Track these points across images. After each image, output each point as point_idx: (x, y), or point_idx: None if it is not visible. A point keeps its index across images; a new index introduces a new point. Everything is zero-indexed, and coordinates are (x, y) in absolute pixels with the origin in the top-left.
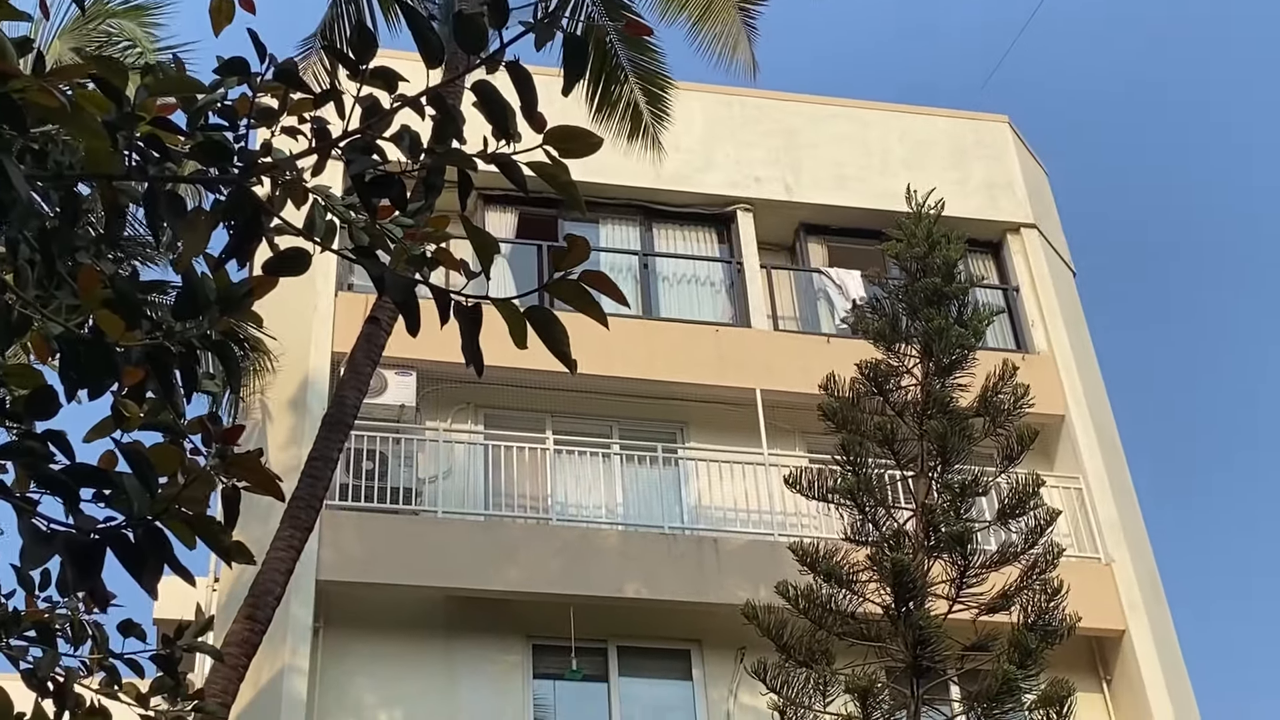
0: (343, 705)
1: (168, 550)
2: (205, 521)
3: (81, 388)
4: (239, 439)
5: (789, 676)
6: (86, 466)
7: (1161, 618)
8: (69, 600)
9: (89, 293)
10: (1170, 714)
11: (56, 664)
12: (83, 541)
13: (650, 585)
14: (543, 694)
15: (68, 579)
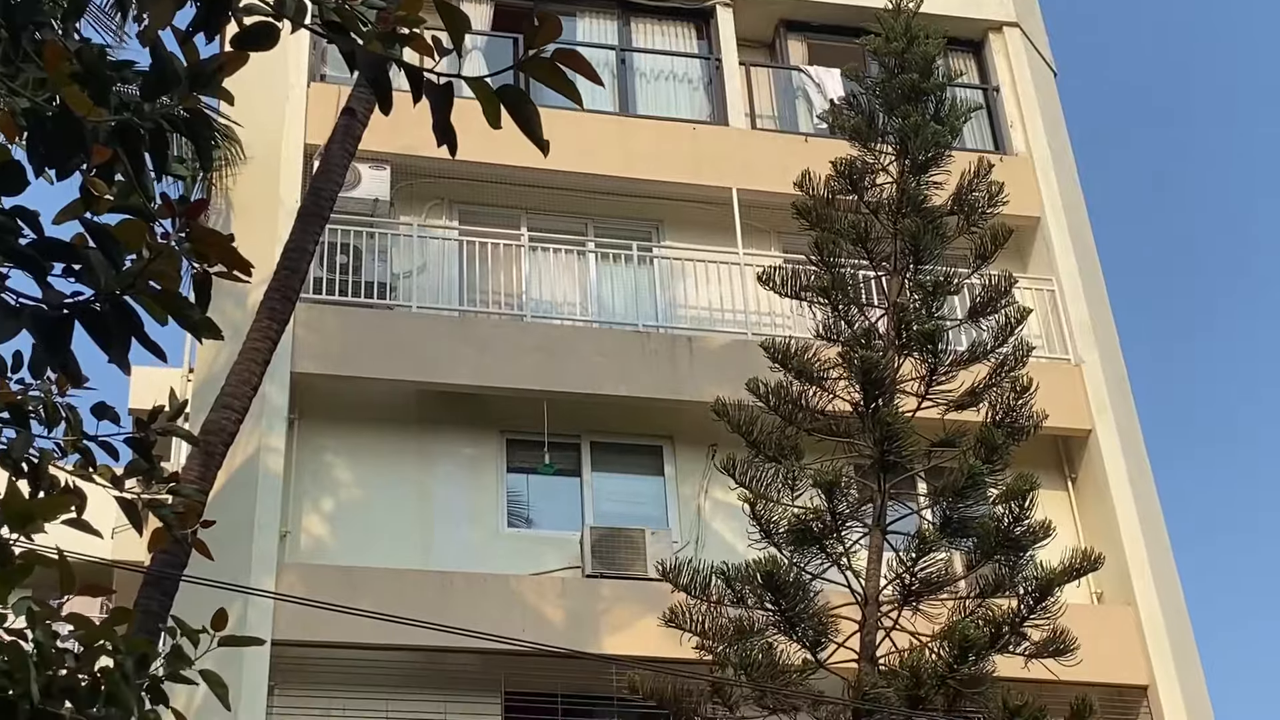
0: (318, 495)
1: (136, 324)
2: (174, 298)
3: (50, 165)
4: (203, 212)
5: (758, 471)
6: (55, 241)
7: (1128, 419)
8: (41, 382)
9: (55, 67)
10: (1134, 514)
11: (30, 445)
12: (51, 316)
13: (623, 382)
14: (516, 487)
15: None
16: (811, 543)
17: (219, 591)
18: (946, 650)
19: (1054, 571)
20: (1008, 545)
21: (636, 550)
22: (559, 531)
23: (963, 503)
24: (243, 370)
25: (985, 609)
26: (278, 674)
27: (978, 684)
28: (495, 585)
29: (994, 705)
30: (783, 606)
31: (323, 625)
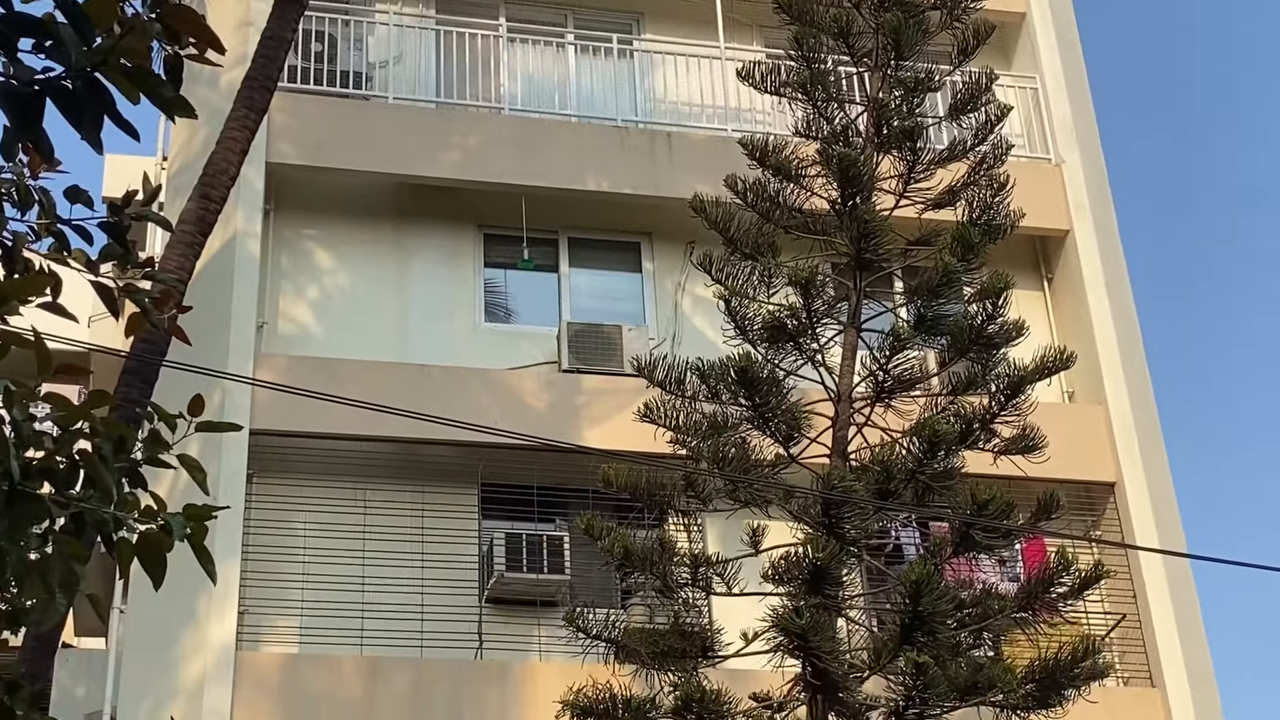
0: (295, 287)
1: (108, 102)
2: (146, 75)
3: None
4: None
5: (735, 268)
6: (25, 16)
7: (1107, 220)
8: (14, 165)
9: None
10: (1108, 315)
11: (3, 227)
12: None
13: (602, 177)
14: (494, 282)
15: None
16: (786, 340)
17: (196, 381)
18: (917, 446)
19: (1026, 369)
20: (981, 343)
21: (613, 346)
22: (536, 327)
23: (937, 301)
24: (220, 160)
25: (957, 406)
26: (256, 463)
27: (947, 479)
28: (472, 379)
29: (962, 500)
30: (756, 402)
31: (300, 415)
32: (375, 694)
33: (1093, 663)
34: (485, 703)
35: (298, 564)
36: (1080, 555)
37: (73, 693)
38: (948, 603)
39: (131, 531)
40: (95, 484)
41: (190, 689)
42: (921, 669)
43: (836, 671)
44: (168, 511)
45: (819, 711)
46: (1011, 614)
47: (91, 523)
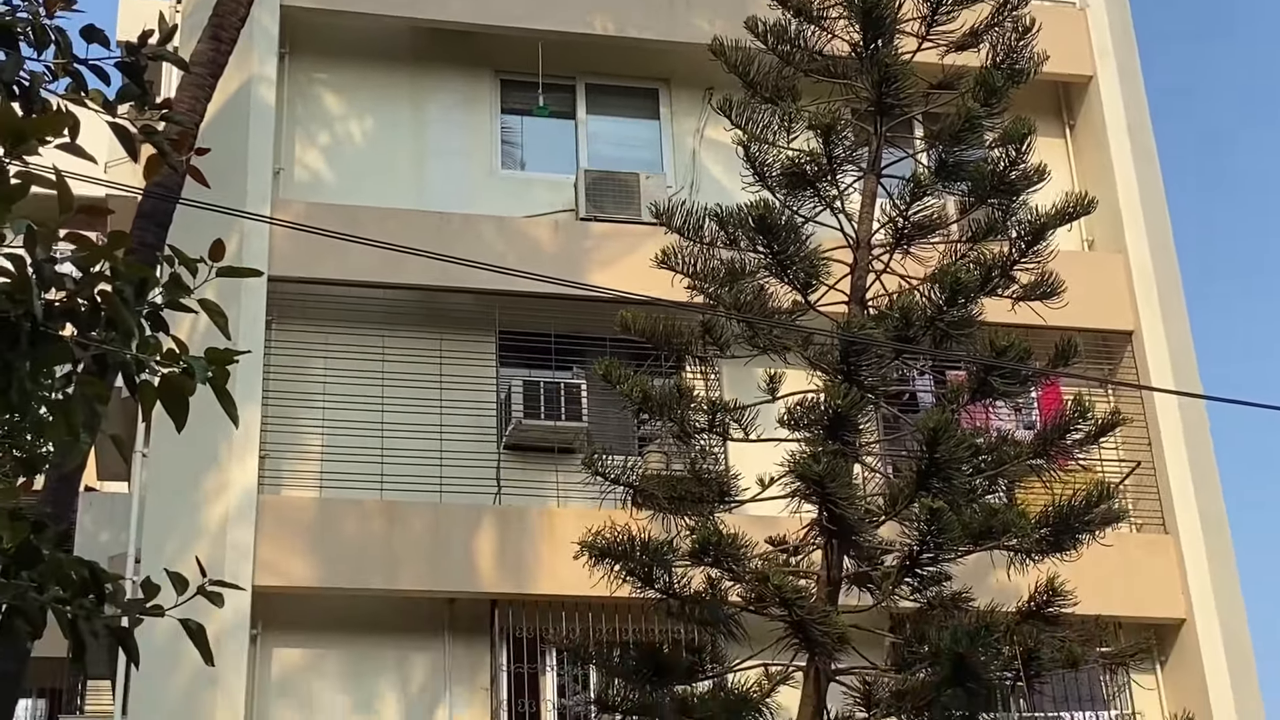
0: (310, 132)
1: None
2: None
3: None
4: None
5: (754, 113)
6: None
7: (1131, 67)
8: (29, 4)
9: None
10: (1130, 163)
11: (21, 67)
12: None
13: (619, 21)
14: (510, 129)
15: None
16: (805, 186)
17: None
18: (936, 293)
19: (1047, 215)
20: (1002, 189)
21: (631, 193)
22: (554, 174)
23: (959, 146)
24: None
25: (976, 252)
26: (274, 309)
27: (965, 326)
28: (490, 226)
29: (981, 347)
30: (775, 249)
31: (319, 262)
32: (395, 537)
33: (1107, 508)
34: (504, 546)
35: (317, 410)
36: (1096, 403)
37: (96, 537)
38: (964, 449)
39: (154, 374)
40: (117, 326)
41: (213, 532)
42: (936, 514)
43: (852, 517)
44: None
45: (834, 556)
46: (1027, 460)
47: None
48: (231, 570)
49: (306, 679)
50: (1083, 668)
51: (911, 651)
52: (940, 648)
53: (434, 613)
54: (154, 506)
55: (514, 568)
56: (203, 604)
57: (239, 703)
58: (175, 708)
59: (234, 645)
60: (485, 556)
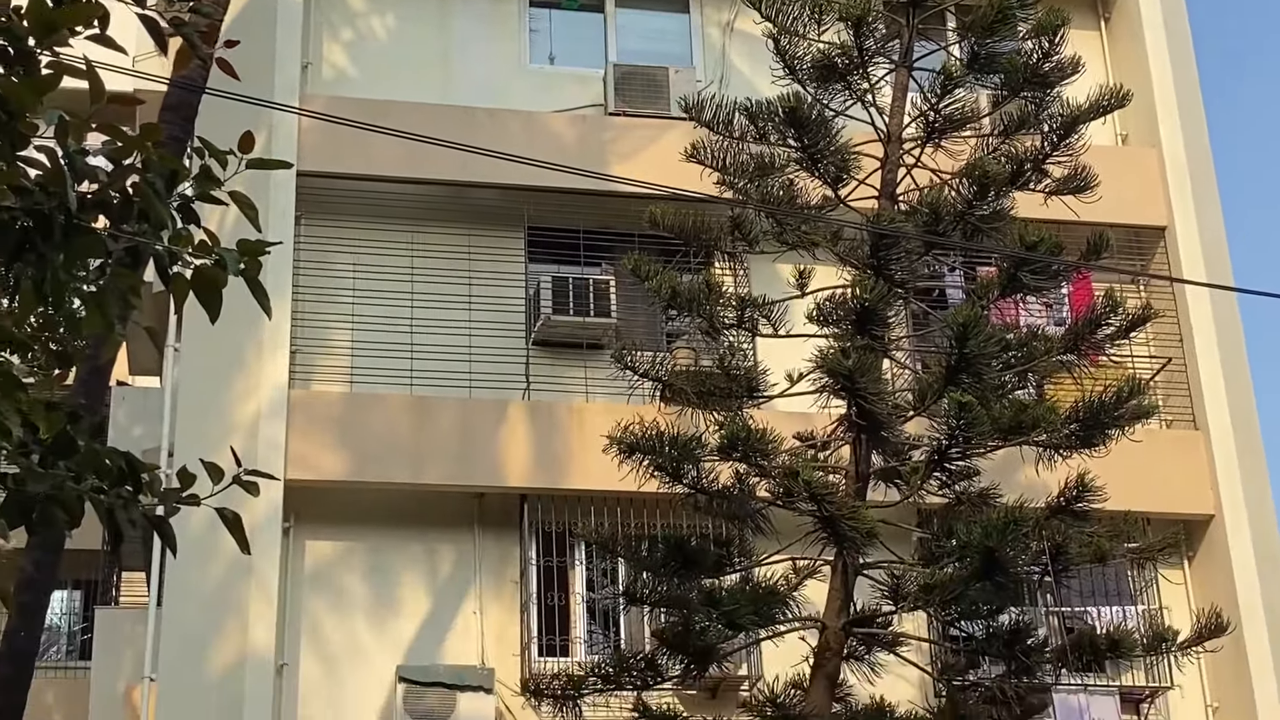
0: (337, 26)
1: None
2: None
3: None
4: None
5: (784, 5)
6: None
7: None
8: None
9: None
10: (1165, 55)
11: None
12: None
13: None
14: (538, 22)
15: None
16: (836, 79)
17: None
18: (967, 187)
19: (1080, 108)
20: (1034, 82)
21: (660, 88)
22: (582, 68)
23: (991, 38)
24: None
25: (1008, 146)
26: (303, 205)
27: (996, 221)
28: (517, 121)
29: (1011, 241)
30: (805, 143)
31: (347, 156)
32: (424, 431)
33: (1136, 404)
34: (533, 441)
35: (347, 305)
36: (1128, 298)
37: (129, 431)
38: (994, 344)
39: (186, 266)
40: (149, 218)
41: (245, 426)
42: (965, 409)
43: (881, 412)
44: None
45: (862, 451)
46: (1057, 356)
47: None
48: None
49: (338, 571)
50: (1110, 563)
51: (939, 546)
52: (969, 542)
53: (463, 507)
54: (186, 401)
55: (543, 462)
56: (237, 497)
57: (273, 594)
58: (209, 599)
59: (267, 537)
60: (514, 451)
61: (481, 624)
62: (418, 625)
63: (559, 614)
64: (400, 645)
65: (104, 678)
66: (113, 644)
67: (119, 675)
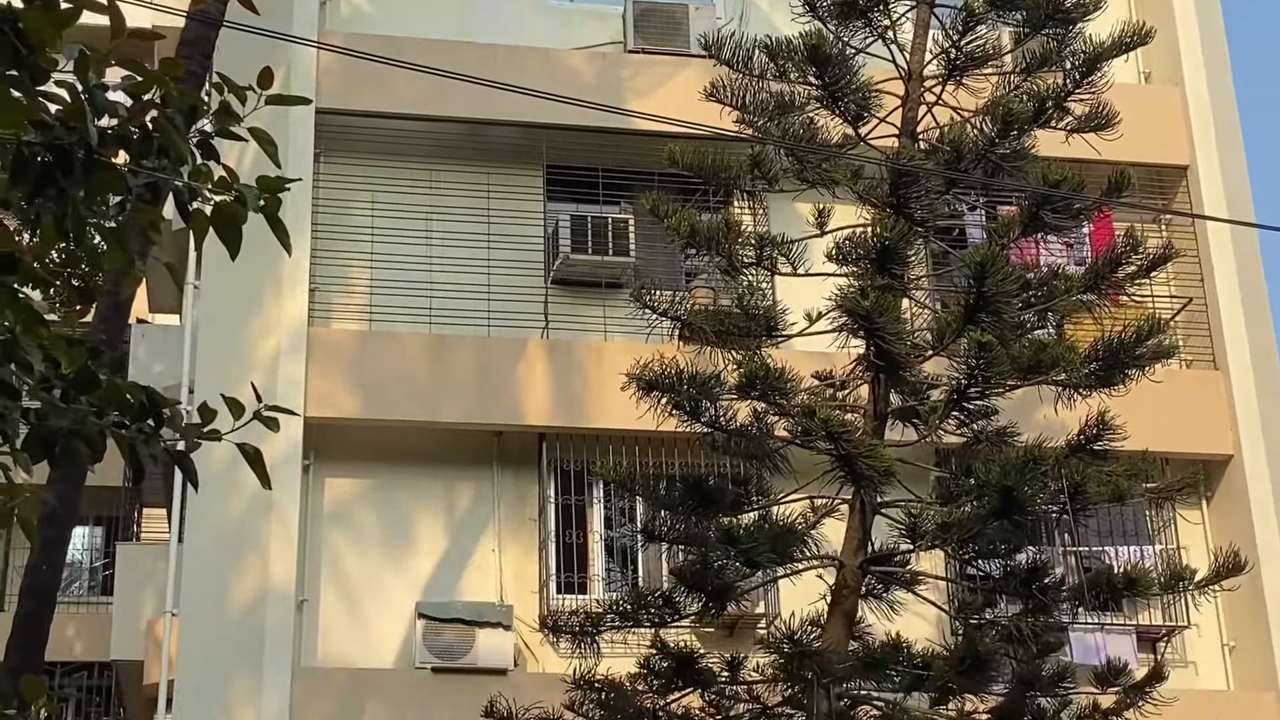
0: None
1: None
2: None
3: None
4: None
5: None
6: None
7: None
8: None
9: None
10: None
11: None
12: None
13: None
14: None
15: None
16: (857, 15)
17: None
18: (988, 125)
19: (1102, 45)
20: (1057, 18)
21: (679, 25)
22: (601, 5)
23: None
24: None
25: (1030, 83)
26: (322, 142)
27: (1017, 159)
28: (535, 58)
29: (1032, 180)
30: (825, 80)
31: (366, 94)
32: (444, 369)
33: (1157, 343)
34: (551, 379)
35: (366, 243)
36: (1149, 237)
37: (150, 368)
38: (1013, 283)
39: (206, 202)
40: (169, 153)
41: (265, 364)
42: (984, 348)
43: (899, 351)
44: (240, 183)
45: (881, 390)
46: (1077, 295)
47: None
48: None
49: (358, 508)
50: (1128, 502)
51: (957, 485)
52: (986, 481)
53: (482, 445)
54: (206, 339)
55: (562, 401)
56: (257, 434)
57: (293, 530)
58: (230, 535)
59: (287, 474)
60: (533, 390)
61: (500, 561)
62: (436, 562)
63: (577, 552)
64: (419, 582)
65: (126, 612)
66: (134, 579)
67: (141, 610)
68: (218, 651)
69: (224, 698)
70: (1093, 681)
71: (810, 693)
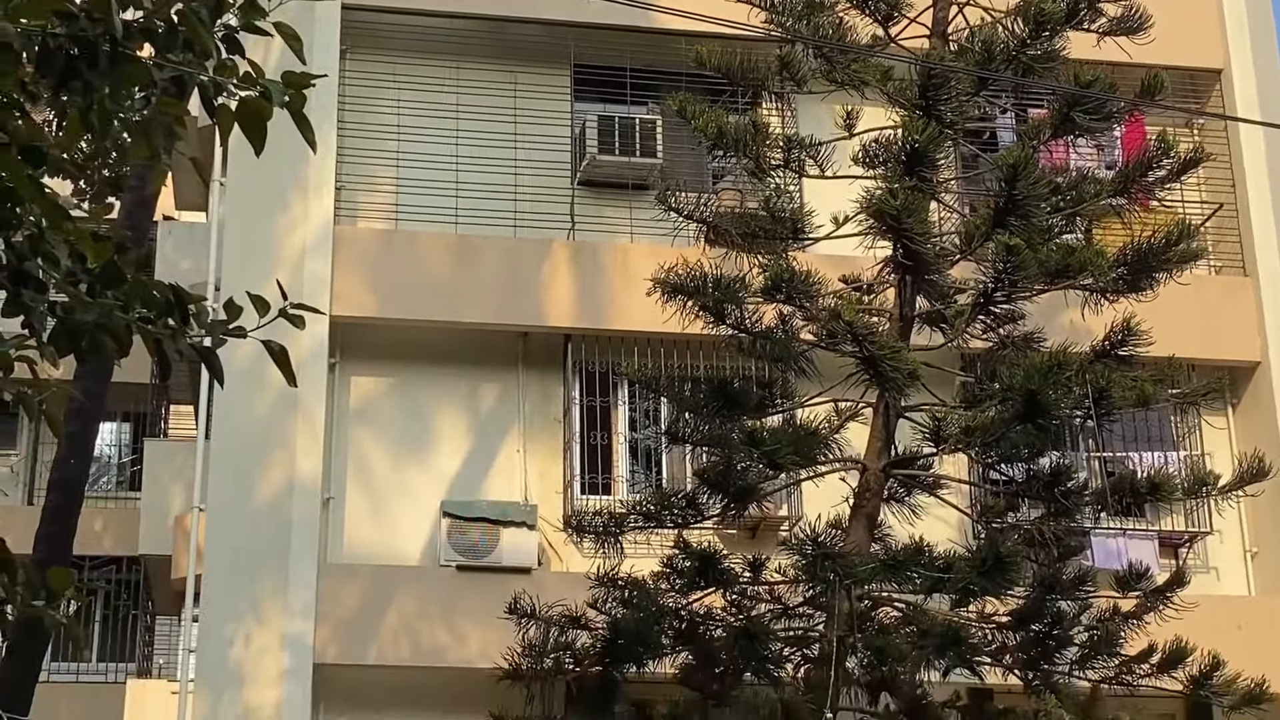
0: None
1: None
2: None
3: None
4: None
5: None
6: None
7: None
8: None
9: None
10: None
11: None
12: None
13: None
14: None
15: None
16: None
17: None
18: (1020, 26)
19: None
20: None
21: None
22: None
23: None
24: None
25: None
26: (348, 38)
27: (1049, 61)
28: None
29: (1064, 81)
30: None
31: None
32: (470, 270)
33: (1185, 247)
34: (577, 281)
35: (392, 142)
36: (1181, 142)
37: (177, 265)
38: (1043, 186)
39: (231, 97)
40: (194, 47)
41: (291, 262)
42: (1013, 251)
43: (927, 254)
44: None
45: (907, 294)
46: (1107, 199)
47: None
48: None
49: (383, 407)
50: (1154, 407)
51: (981, 389)
52: (1011, 385)
53: (507, 346)
54: (232, 236)
55: (587, 303)
56: (282, 332)
57: (319, 427)
58: (257, 431)
59: (313, 372)
60: (558, 291)
61: (524, 462)
62: (461, 462)
63: (601, 453)
64: (444, 481)
65: (154, 507)
66: (162, 475)
67: (169, 505)
68: (245, 546)
69: (251, 592)
70: (1114, 585)
71: (831, 594)
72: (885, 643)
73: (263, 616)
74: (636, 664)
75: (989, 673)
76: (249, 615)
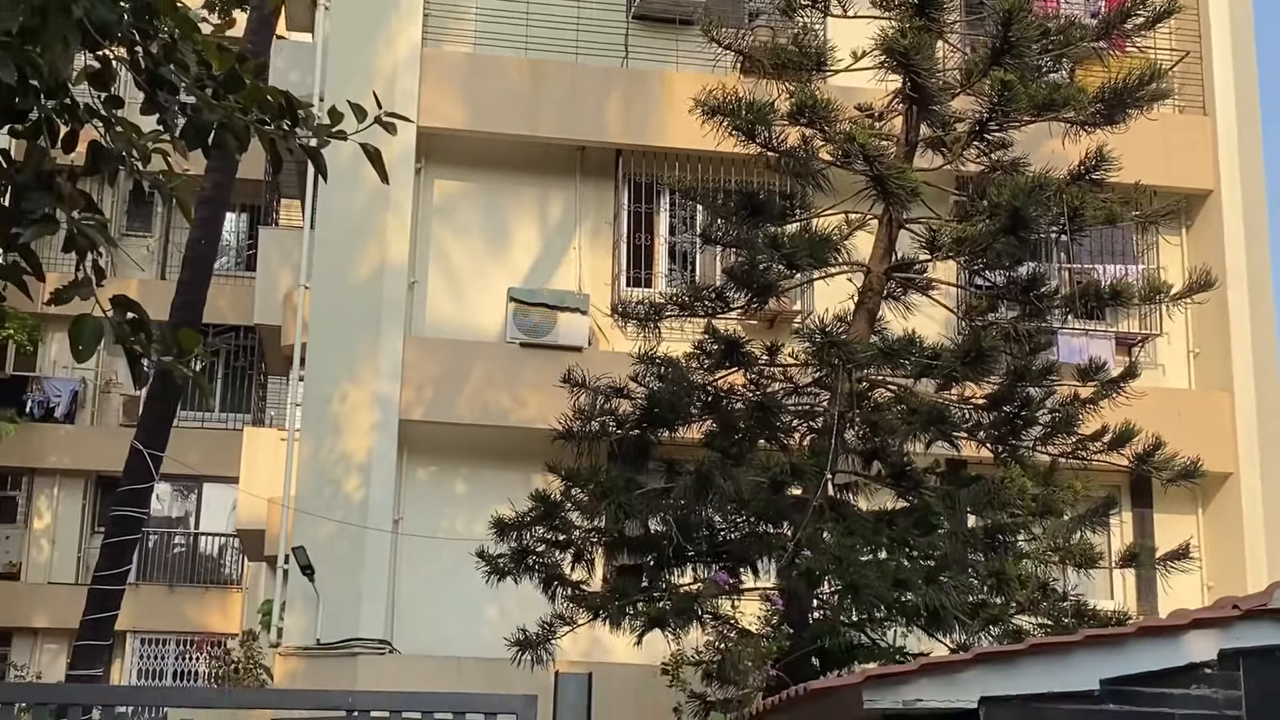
0: None
1: None
2: None
3: None
4: None
5: None
6: None
7: None
8: None
9: None
10: None
11: None
12: None
13: None
14: None
15: None
16: None
17: None
18: None
19: None
20: None
21: None
22: None
23: None
24: None
25: None
26: None
27: None
28: None
29: None
30: None
31: None
32: (538, 90)
33: (1155, 87)
34: (629, 103)
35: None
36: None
37: (287, 75)
38: (1035, 30)
39: None
40: None
41: (385, 76)
42: (1006, 86)
43: (931, 87)
44: None
45: (913, 122)
46: (1090, 42)
47: None
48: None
49: (462, 207)
50: (1119, 225)
51: (973, 206)
52: (998, 202)
53: (568, 158)
54: (335, 54)
55: (637, 122)
56: (377, 139)
57: (407, 221)
58: (354, 223)
59: (403, 174)
60: (613, 112)
61: (580, 257)
62: (526, 255)
63: (645, 252)
64: (512, 272)
65: (267, 285)
66: (274, 257)
67: (279, 283)
68: (343, 319)
69: (348, 358)
70: (1075, 376)
71: (835, 376)
72: (879, 418)
73: (357, 378)
74: (669, 429)
75: (965, 446)
76: (345, 377)
